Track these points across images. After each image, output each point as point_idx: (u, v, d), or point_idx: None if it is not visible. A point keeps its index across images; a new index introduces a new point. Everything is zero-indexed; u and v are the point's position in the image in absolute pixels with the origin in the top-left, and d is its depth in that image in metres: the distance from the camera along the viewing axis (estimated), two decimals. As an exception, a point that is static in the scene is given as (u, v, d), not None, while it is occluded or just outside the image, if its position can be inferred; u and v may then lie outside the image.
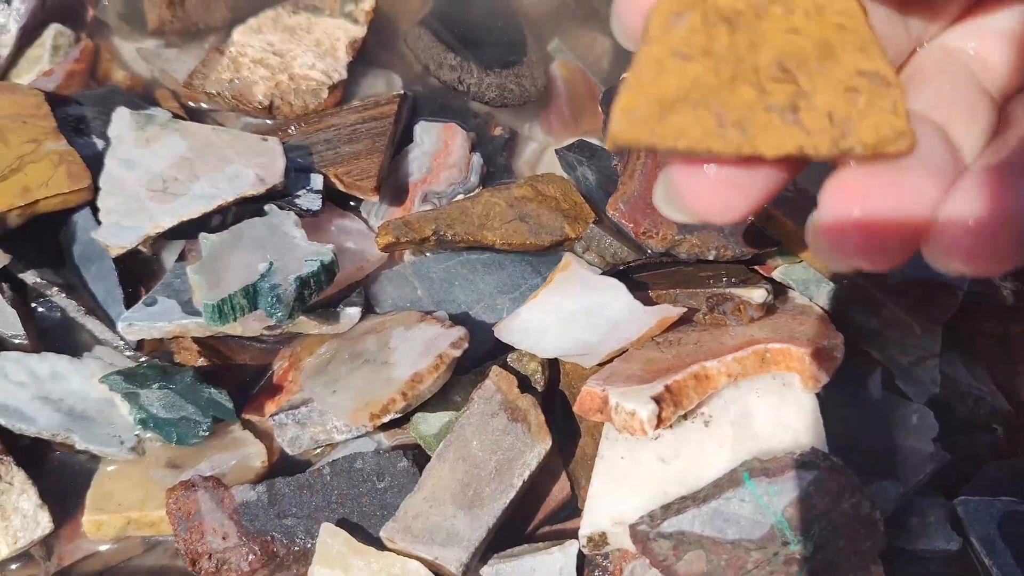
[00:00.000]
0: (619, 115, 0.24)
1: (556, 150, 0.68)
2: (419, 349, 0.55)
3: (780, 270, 0.60)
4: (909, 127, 0.25)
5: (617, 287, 0.57)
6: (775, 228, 0.58)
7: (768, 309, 0.56)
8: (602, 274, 0.60)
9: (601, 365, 0.57)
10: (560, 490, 0.56)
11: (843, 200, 0.26)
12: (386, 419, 0.53)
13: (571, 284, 0.58)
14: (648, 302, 0.57)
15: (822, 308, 0.58)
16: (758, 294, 0.55)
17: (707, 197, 0.27)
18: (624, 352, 0.56)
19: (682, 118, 0.24)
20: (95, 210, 0.61)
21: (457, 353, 0.55)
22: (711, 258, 0.58)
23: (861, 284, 0.56)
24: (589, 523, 0.52)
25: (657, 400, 0.50)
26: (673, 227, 0.58)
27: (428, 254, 0.65)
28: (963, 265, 0.25)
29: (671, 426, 0.53)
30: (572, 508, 0.56)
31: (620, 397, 0.51)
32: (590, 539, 0.52)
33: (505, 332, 0.58)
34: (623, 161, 0.61)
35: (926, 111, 0.28)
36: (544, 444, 0.54)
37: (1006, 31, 0.32)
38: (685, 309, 0.56)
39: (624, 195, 0.59)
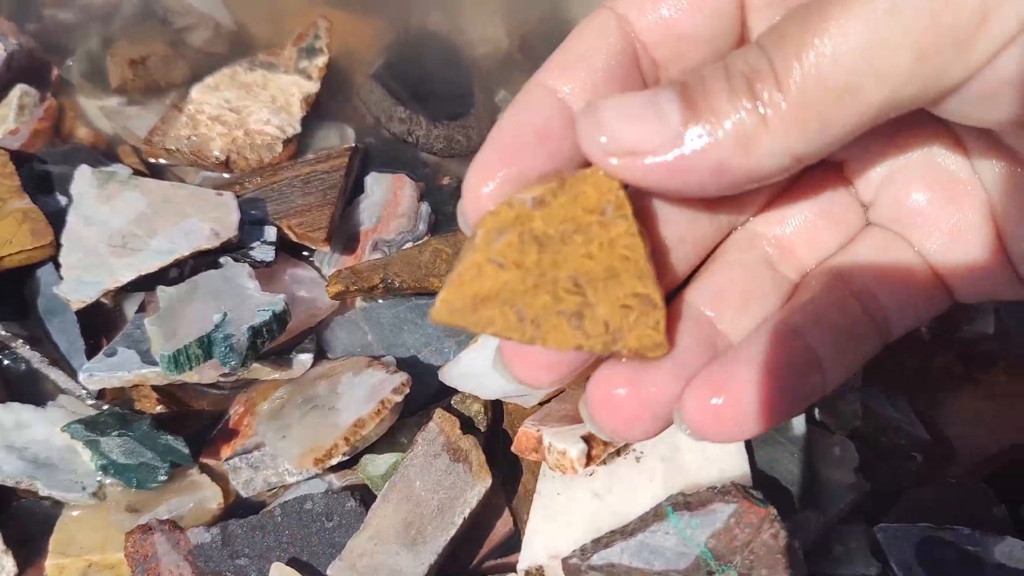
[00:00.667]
0: (440, 304, 0.31)
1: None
2: (364, 395, 0.58)
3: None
4: (664, 340, 0.33)
5: None
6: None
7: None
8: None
9: (541, 404, 0.60)
10: (503, 525, 0.59)
11: (606, 387, 0.34)
12: (331, 463, 0.56)
13: None
14: None
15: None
16: None
17: (525, 370, 0.36)
18: (562, 392, 0.59)
19: (490, 312, 0.31)
20: (58, 265, 0.64)
21: (399, 399, 0.57)
22: None
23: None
24: (527, 557, 0.55)
25: (587, 439, 0.53)
26: None
27: (379, 300, 0.67)
28: (700, 437, 0.34)
29: (604, 462, 0.55)
30: (515, 543, 0.58)
31: (553, 437, 0.54)
32: (527, 573, 0.54)
33: (448, 376, 0.61)
34: None
35: (702, 304, 0.37)
36: (484, 483, 0.56)
37: (805, 218, 0.41)
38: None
39: None
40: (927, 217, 0.42)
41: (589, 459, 0.53)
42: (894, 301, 0.42)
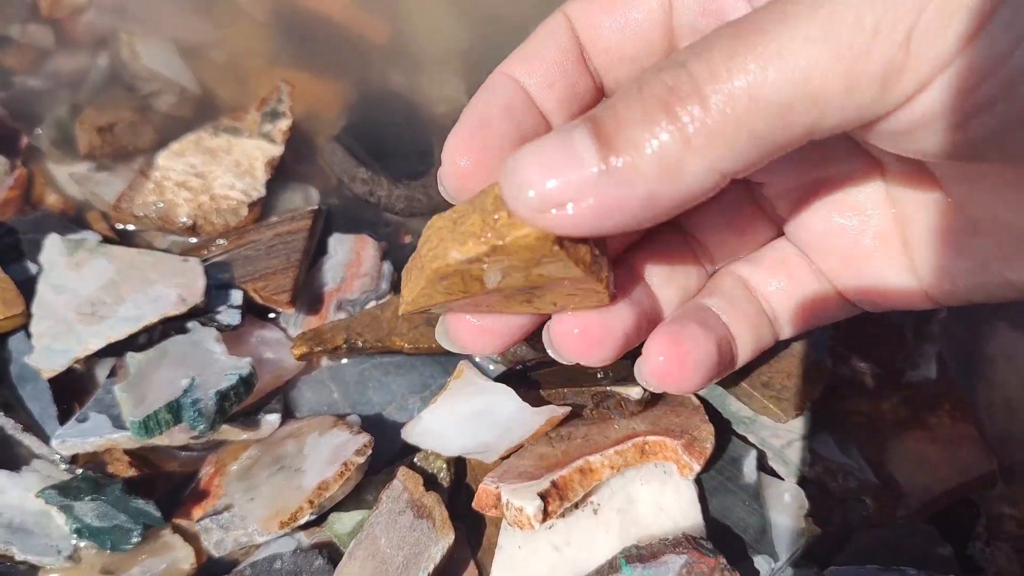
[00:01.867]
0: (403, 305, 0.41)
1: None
2: (327, 456, 0.60)
3: (664, 364, 0.65)
4: (608, 301, 0.42)
5: (507, 392, 0.61)
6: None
7: (648, 404, 0.61)
8: (501, 374, 0.65)
9: (502, 458, 0.62)
10: (469, 577, 0.61)
11: (564, 323, 0.44)
12: (297, 525, 0.58)
13: (466, 389, 0.63)
14: (539, 401, 0.62)
15: (700, 399, 0.63)
16: (635, 391, 0.60)
17: (469, 338, 0.45)
18: (520, 447, 0.61)
19: (449, 284, 0.38)
20: (29, 334, 0.65)
21: (361, 460, 0.59)
22: None
23: (732, 378, 0.61)
24: (489, 610, 0.56)
25: (543, 496, 0.55)
26: None
27: (344, 359, 0.69)
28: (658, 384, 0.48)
29: (563, 515, 0.57)
30: (480, 595, 0.60)
31: (510, 494, 0.56)
32: (489, 626, 0.56)
33: (411, 435, 0.62)
34: None
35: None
36: (448, 538, 0.58)
37: (718, 227, 0.53)
38: (571, 407, 0.61)
39: None
40: (832, 241, 0.47)
41: (546, 515, 0.55)
42: (784, 308, 0.49)
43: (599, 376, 0.62)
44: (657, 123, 0.31)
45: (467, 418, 0.62)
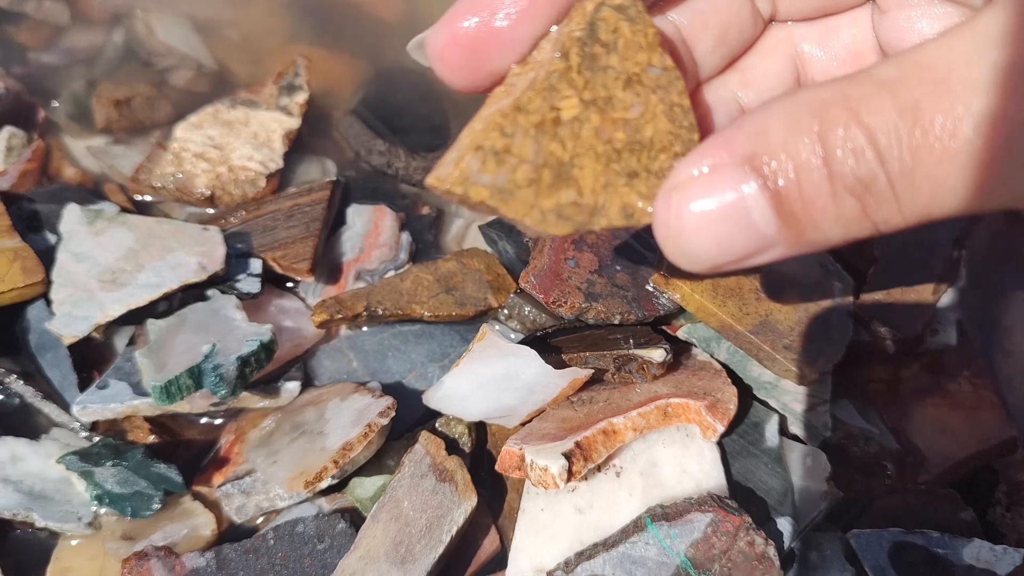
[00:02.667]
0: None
1: (479, 226, 0.73)
2: (351, 419, 0.60)
3: (684, 329, 0.65)
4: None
5: (530, 354, 0.61)
6: (675, 292, 0.63)
7: (670, 366, 0.61)
8: (521, 341, 0.65)
9: (523, 424, 0.62)
10: (490, 543, 0.61)
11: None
12: (321, 486, 0.58)
13: (488, 353, 0.63)
14: (561, 365, 0.62)
15: (721, 363, 0.63)
16: (657, 354, 0.60)
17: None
18: (542, 412, 0.61)
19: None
20: (48, 302, 0.65)
21: (385, 422, 0.59)
22: (616, 322, 0.63)
23: (755, 341, 0.61)
24: (513, 571, 0.56)
25: (567, 456, 0.55)
26: (580, 296, 0.63)
27: (363, 328, 0.69)
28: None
29: (586, 478, 0.57)
30: (502, 560, 0.60)
31: (534, 455, 0.56)
32: (514, 587, 0.56)
33: (432, 400, 0.62)
34: (533, 240, 0.66)
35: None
36: (470, 502, 0.58)
37: None
38: (593, 371, 0.61)
39: (534, 269, 0.64)
40: None
41: (570, 475, 0.55)
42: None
43: (621, 340, 0.62)
44: (850, 220, 0.31)
45: (489, 381, 0.62)
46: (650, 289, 0.64)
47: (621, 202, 0.36)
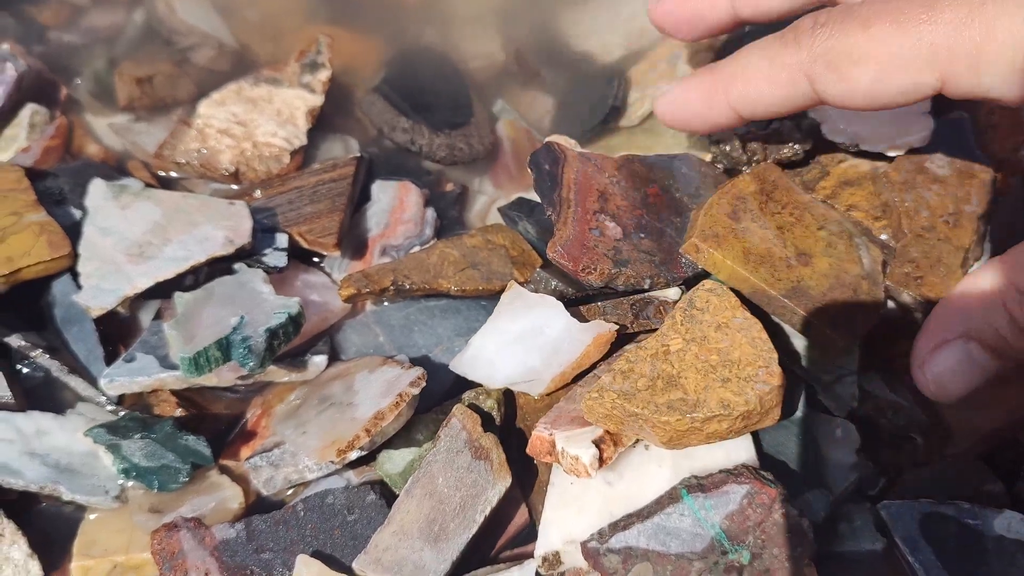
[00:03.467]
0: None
1: (499, 208, 0.73)
2: (381, 390, 0.60)
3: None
4: None
5: (555, 304, 0.62)
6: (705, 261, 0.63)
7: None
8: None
9: (548, 396, 0.62)
10: (520, 517, 0.61)
11: None
12: (353, 455, 0.58)
13: (515, 305, 0.64)
14: (581, 319, 0.62)
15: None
16: (673, 292, 0.61)
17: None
18: (566, 381, 0.61)
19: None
20: (75, 275, 0.65)
21: (416, 391, 0.59)
22: (646, 287, 0.63)
23: (788, 304, 0.60)
24: (543, 544, 0.56)
25: (598, 443, 0.55)
26: (608, 262, 0.63)
27: (389, 303, 0.69)
28: None
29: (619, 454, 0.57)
30: (531, 534, 0.60)
31: (565, 442, 0.56)
32: (545, 559, 0.56)
33: (459, 365, 0.62)
34: (556, 211, 0.66)
35: None
36: (505, 482, 0.58)
37: None
38: (618, 325, 0.61)
39: (561, 239, 0.64)
40: None
41: (601, 462, 0.55)
42: None
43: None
44: None
45: (515, 340, 0.62)
46: (678, 254, 0.64)
47: (718, 397, 0.52)
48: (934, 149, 0.71)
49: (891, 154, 0.70)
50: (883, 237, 0.68)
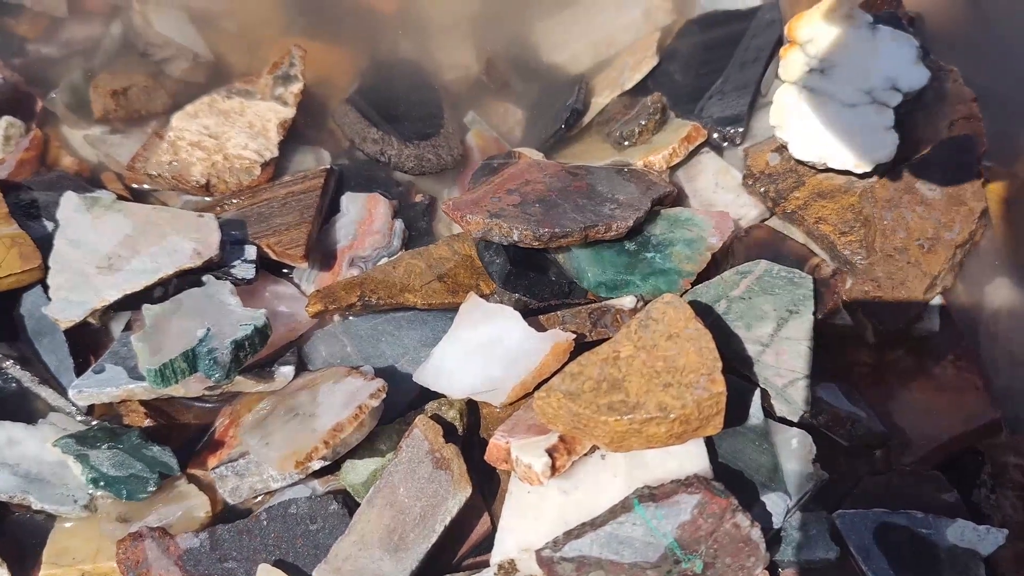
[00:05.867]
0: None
1: (475, 241, 0.73)
2: (342, 401, 0.61)
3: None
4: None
5: (512, 315, 0.63)
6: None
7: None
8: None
9: (511, 405, 0.63)
10: (482, 525, 0.61)
11: None
12: (313, 466, 0.59)
13: (473, 316, 0.65)
14: (540, 328, 0.63)
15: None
16: (628, 300, 0.62)
17: None
18: (527, 390, 0.62)
19: None
20: (46, 287, 0.66)
21: (375, 403, 0.60)
22: (515, 238, 0.66)
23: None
24: (499, 552, 0.57)
25: (551, 452, 0.56)
26: (485, 213, 0.66)
27: (355, 316, 0.70)
28: None
29: (573, 463, 0.58)
30: (493, 541, 0.60)
31: (519, 451, 0.57)
32: (501, 566, 0.57)
33: (422, 376, 0.63)
34: (473, 187, 0.68)
35: None
36: (465, 492, 0.58)
37: None
38: (576, 334, 0.62)
39: (458, 199, 0.67)
40: None
41: (554, 470, 0.56)
42: None
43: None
44: None
45: (475, 350, 0.63)
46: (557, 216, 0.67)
47: (657, 400, 0.53)
48: (933, 166, 0.72)
49: (858, 171, 0.70)
50: (846, 252, 0.69)
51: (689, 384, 0.54)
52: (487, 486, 0.63)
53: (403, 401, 0.65)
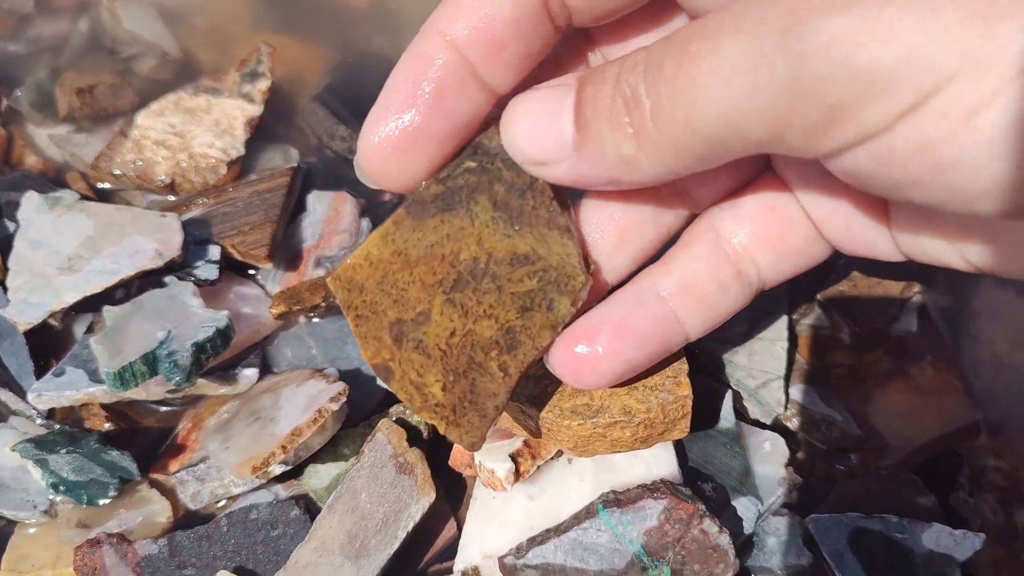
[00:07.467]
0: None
1: None
2: (303, 405, 0.59)
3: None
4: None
5: None
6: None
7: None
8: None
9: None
10: (448, 531, 0.60)
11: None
12: (272, 471, 0.57)
13: None
14: None
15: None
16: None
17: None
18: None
19: None
20: (4, 289, 0.65)
21: (336, 407, 0.59)
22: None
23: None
24: (463, 559, 0.56)
25: (514, 456, 0.55)
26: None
27: (320, 318, 0.69)
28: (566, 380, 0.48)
29: (538, 467, 0.57)
30: (456, 548, 0.59)
31: (483, 455, 0.55)
32: (464, 573, 0.56)
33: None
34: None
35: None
36: (428, 497, 0.57)
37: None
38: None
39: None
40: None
41: (517, 476, 0.55)
42: (765, 255, 0.47)
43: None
44: (619, 127, 0.35)
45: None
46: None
47: (621, 404, 0.52)
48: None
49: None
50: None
51: (654, 387, 0.52)
52: (454, 491, 0.61)
53: (368, 405, 0.64)
